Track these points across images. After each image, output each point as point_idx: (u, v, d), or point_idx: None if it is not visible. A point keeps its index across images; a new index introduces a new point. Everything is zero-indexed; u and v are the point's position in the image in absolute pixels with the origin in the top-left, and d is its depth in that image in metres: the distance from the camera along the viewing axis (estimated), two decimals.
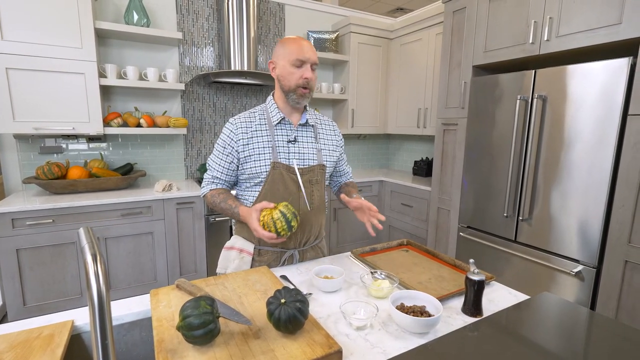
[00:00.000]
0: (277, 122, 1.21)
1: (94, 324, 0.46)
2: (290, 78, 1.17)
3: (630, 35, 1.59)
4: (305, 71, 1.16)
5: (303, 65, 1.16)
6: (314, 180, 1.24)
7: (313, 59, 1.17)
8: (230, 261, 1.27)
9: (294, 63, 1.15)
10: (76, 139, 2.55)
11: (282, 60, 1.17)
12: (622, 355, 0.71)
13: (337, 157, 1.36)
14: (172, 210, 2.40)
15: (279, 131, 1.22)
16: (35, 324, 0.87)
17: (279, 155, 1.20)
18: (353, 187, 1.39)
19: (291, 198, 1.20)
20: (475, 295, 0.91)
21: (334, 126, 1.38)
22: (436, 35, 2.91)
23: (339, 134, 1.39)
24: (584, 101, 1.74)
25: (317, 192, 1.25)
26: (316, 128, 1.29)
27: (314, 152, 1.25)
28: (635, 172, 1.60)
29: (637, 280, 1.62)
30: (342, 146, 1.40)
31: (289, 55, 1.15)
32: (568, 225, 1.84)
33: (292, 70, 1.16)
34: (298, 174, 1.19)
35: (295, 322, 0.75)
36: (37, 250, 2.07)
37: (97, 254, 0.50)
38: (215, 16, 2.88)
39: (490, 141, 2.19)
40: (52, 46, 2.13)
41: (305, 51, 1.15)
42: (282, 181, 1.19)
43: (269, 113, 1.23)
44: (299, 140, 1.23)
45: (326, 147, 1.30)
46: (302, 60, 1.15)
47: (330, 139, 1.32)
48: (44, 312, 2.14)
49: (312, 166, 1.23)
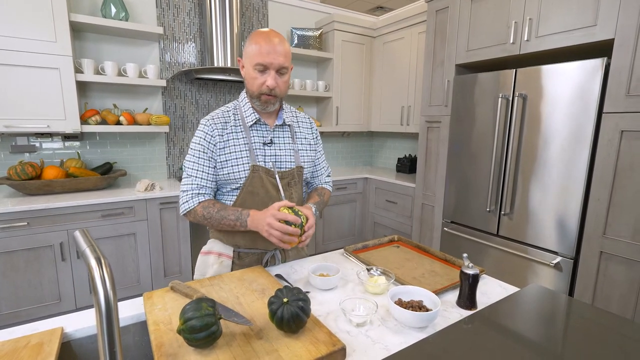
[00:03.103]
0: (252, 123, 1.13)
1: (101, 331, 0.45)
2: (252, 83, 1.06)
3: (604, 37, 1.66)
4: (267, 78, 1.04)
5: (266, 70, 1.04)
6: (292, 182, 1.20)
7: (278, 63, 1.03)
8: (208, 266, 1.20)
9: (256, 67, 1.03)
10: (50, 137, 2.43)
11: (246, 60, 1.06)
12: (596, 338, 0.75)
13: (313, 155, 1.28)
14: (155, 211, 2.33)
15: (255, 132, 1.14)
16: (20, 332, 0.82)
17: (257, 159, 1.12)
18: (318, 195, 1.28)
19: (271, 202, 1.13)
20: (470, 289, 0.94)
21: (311, 123, 1.30)
22: (419, 34, 2.96)
23: (316, 131, 1.31)
24: (561, 100, 1.81)
25: (295, 193, 1.21)
26: (292, 127, 1.22)
27: (291, 154, 1.19)
28: (609, 167, 1.68)
29: (612, 270, 1.71)
30: (319, 144, 1.32)
31: (252, 57, 1.03)
32: (547, 218, 1.92)
33: (254, 75, 1.04)
34: (277, 178, 1.14)
35: (298, 321, 0.74)
36: (10, 255, 1.96)
37: (100, 258, 0.48)
38: (197, 11, 2.81)
39: (472, 138, 2.25)
40: (23, 39, 2.02)
41: (266, 54, 1.01)
42: (262, 185, 1.13)
43: (242, 113, 1.15)
44: (275, 142, 1.16)
45: (303, 146, 1.23)
46: (265, 65, 1.02)
47: (307, 137, 1.26)
48: (19, 319, 2.03)
49: (291, 169, 1.18)
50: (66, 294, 2.14)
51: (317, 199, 1.24)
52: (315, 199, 1.23)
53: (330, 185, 1.39)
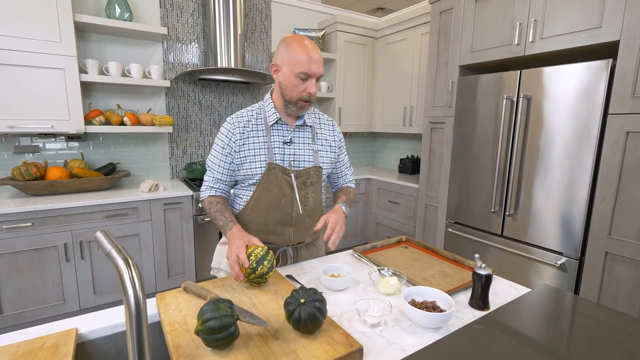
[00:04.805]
0: (274, 122, 1.18)
1: (130, 330, 0.45)
2: (292, 89, 1.10)
3: (610, 39, 1.67)
4: (310, 85, 1.09)
5: (308, 79, 1.09)
6: (309, 182, 1.22)
7: (320, 73, 1.10)
8: (223, 256, 1.25)
9: (299, 75, 1.07)
10: (54, 137, 2.43)
11: (286, 67, 1.09)
12: (602, 336, 0.75)
13: (335, 157, 1.31)
14: (159, 211, 2.32)
15: (275, 132, 1.19)
16: (34, 333, 0.82)
17: (274, 157, 1.17)
18: (344, 194, 1.34)
19: (285, 199, 1.18)
20: (483, 289, 0.94)
21: (334, 125, 1.33)
22: (421, 35, 2.96)
23: (339, 133, 1.34)
24: (566, 101, 1.82)
25: (312, 193, 1.23)
26: (314, 128, 1.25)
27: (310, 154, 1.22)
28: (615, 168, 1.69)
29: (617, 271, 1.72)
30: (342, 147, 1.36)
31: (295, 66, 1.07)
32: (552, 219, 1.92)
33: (295, 82, 1.09)
34: (292, 176, 1.17)
35: (315, 321, 0.75)
36: (14, 256, 1.95)
37: (128, 258, 0.48)
38: (201, 11, 2.81)
39: (476, 139, 2.26)
40: (28, 39, 2.02)
41: (313, 65, 1.07)
42: (277, 183, 1.17)
43: (265, 112, 1.19)
44: (295, 141, 1.20)
45: (323, 147, 1.26)
46: (308, 74, 1.08)
47: (328, 139, 1.28)
48: (23, 320, 2.03)
49: (308, 168, 1.21)
50: (70, 295, 2.13)
51: (344, 198, 1.30)
52: (342, 199, 1.30)
53: (353, 183, 1.45)
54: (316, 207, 1.27)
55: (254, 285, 0.99)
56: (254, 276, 0.96)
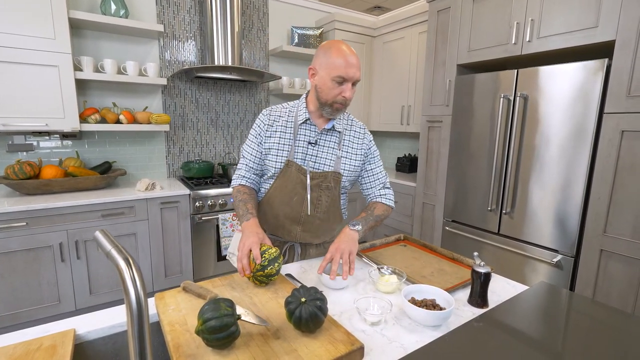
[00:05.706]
0: (302, 122, 1.20)
1: (132, 330, 0.44)
2: (328, 92, 1.11)
3: (606, 38, 1.68)
4: (346, 89, 1.10)
5: (345, 82, 1.09)
6: (324, 186, 1.21)
7: (357, 77, 1.10)
8: None
9: (335, 79, 1.08)
10: (48, 136, 2.40)
11: (323, 71, 1.10)
12: (599, 333, 0.76)
13: (359, 166, 1.27)
14: (156, 210, 2.31)
15: (302, 131, 1.20)
16: (31, 334, 0.81)
17: (296, 155, 1.19)
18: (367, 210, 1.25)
19: (296, 198, 1.20)
20: (482, 287, 0.94)
21: (364, 134, 1.28)
22: (419, 34, 2.97)
23: (369, 142, 1.28)
24: (562, 100, 1.83)
25: (326, 197, 1.22)
26: (342, 135, 1.23)
27: (332, 158, 1.21)
28: (610, 167, 1.71)
29: (612, 268, 1.74)
30: (373, 157, 1.30)
31: (332, 70, 1.08)
32: (548, 217, 1.94)
33: (332, 85, 1.09)
34: (308, 177, 1.18)
35: (317, 320, 0.74)
36: (8, 256, 1.93)
37: (129, 258, 0.47)
38: (197, 9, 2.79)
39: (474, 138, 2.27)
40: (21, 36, 1.99)
41: (350, 70, 1.07)
42: (291, 180, 1.19)
43: (297, 111, 1.21)
44: (320, 143, 1.21)
45: (348, 155, 1.23)
46: (345, 79, 1.08)
47: (354, 147, 1.25)
48: (18, 321, 2.00)
49: (326, 172, 1.20)
50: (65, 295, 2.11)
51: (363, 215, 1.22)
52: (361, 215, 1.22)
53: (386, 198, 1.30)
54: (330, 212, 1.26)
55: (255, 283, 0.99)
56: (260, 274, 0.96)
